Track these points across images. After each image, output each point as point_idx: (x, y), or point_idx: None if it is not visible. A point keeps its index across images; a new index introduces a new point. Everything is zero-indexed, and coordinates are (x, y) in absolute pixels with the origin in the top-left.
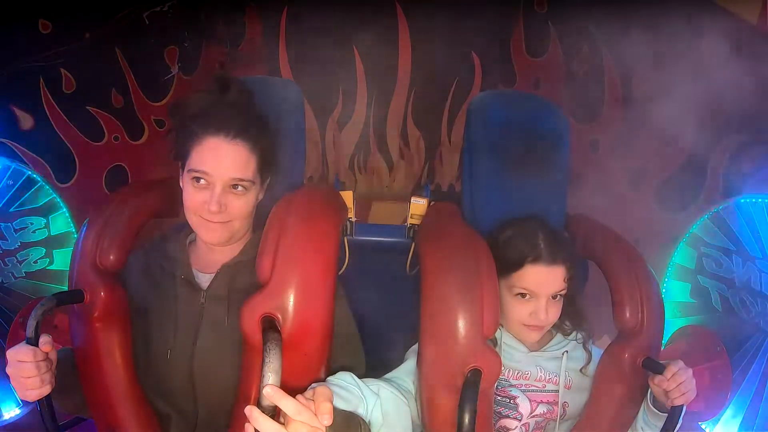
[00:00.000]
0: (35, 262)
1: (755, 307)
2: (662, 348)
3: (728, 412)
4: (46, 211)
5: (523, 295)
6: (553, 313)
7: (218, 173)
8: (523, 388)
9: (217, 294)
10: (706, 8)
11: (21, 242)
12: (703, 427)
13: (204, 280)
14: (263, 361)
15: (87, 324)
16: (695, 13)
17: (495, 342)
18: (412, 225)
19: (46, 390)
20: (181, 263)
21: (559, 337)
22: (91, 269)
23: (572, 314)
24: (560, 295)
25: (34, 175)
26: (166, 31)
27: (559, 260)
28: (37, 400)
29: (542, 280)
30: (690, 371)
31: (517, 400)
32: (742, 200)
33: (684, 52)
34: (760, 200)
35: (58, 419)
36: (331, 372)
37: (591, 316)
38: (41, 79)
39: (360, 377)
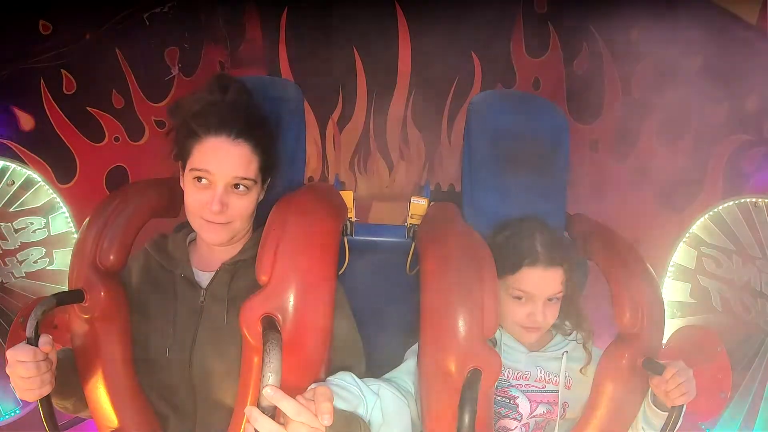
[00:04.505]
0: (35, 262)
1: (755, 307)
2: (662, 348)
3: (728, 413)
4: (46, 211)
5: (519, 297)
6: (551, 314)
7: (221, 172)
8: (523, 388)
9: (217, 293)
10: (705, 8)
11: (21, 242)
12: (703, 427)
13: (204, 278)
14: (263, 361)
15: (87, 324)
16: (694, 13)
17: (494, 342)
18: (412, 225)
19: (46, 390)
20: (181, 262)
21: (558, 337)
22: (91, 269)
23: (572, 315)
24: (557, 297)
25: (34, 175)
26: (167, 32)
27: (556, 263)
28: (37, 400)
29: (539, 283)
30: (690, 371)
31: (517, 401)
32: (742, 200)
33: (683, 52)
34: (760, 200)
35: (58, 419)
36: (331, 372)
37: (591, 316)
38: (42, 80)
39: (360, 377)
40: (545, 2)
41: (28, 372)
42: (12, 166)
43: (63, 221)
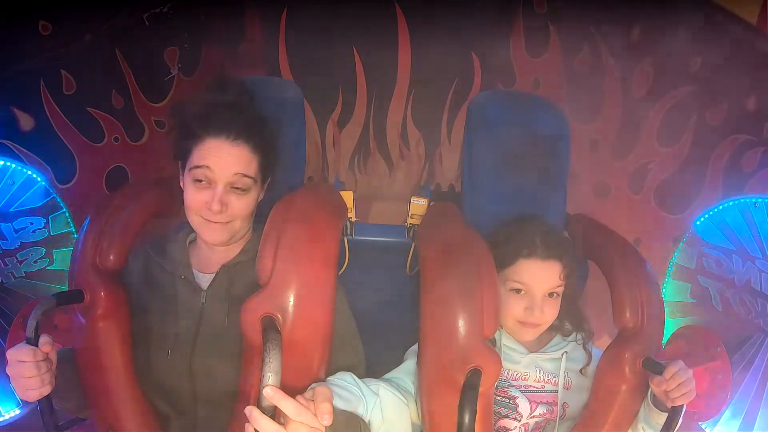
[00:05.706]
0: (35, 262)
1: (755, 307)
2: (662, 348)
3: (728, 413)
4: (46, 211)
5: (517, 290)
6: (550, 311)
7: (220, 171)
8: (522, 388)
9: (217, 294)
10: (705, 8)
11: (21, 242)
12: (703, 427)
13: (204, 280)
14: (263, 361)
15: (87, 324)
16: (694, 13)
17: (494, 343)
18: (412, 225)
19: (46, 390)
20: (181, 263)
21: (558, 338)
22: (91, 269)
23: (572, 315)
24: (556, 293)
25: (35, 175)
26: (166, 32)
27: (554, 256)
28: (37, 400)
29: (536, 275)
30: (690, 371)
31: (517, 401)
32: (742, 200)
33: (683, 52)
34: (760, 200)
35: (58, 419)
36: (331, 372)
37: (591, 316)
38: (41, 80)
39: (360, 377)
40: (545, 2)
41: (28, 372)
42: (12, 166)
43: (63, 221)
